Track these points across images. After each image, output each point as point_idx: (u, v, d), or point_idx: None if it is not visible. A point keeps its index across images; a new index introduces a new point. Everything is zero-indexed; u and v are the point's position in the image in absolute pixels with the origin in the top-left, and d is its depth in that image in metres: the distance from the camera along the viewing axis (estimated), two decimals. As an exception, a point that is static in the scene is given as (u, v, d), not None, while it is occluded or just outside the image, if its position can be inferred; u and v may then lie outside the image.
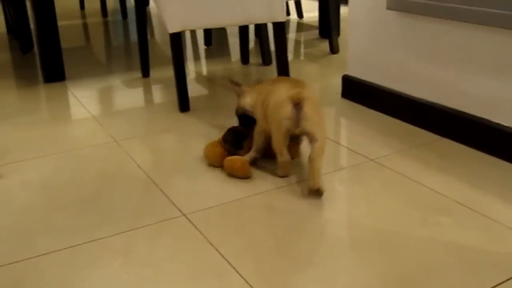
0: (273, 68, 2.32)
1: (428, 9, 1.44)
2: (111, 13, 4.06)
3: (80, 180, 1.32)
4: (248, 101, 1.39)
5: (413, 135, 1.54)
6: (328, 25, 2.52)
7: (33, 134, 1.63)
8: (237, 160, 1.31)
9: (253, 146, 1.35)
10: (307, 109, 1.19)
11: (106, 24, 3.64)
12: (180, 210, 1.16)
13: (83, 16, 3.98)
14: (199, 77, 2.25)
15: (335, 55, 2.51)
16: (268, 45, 2.35)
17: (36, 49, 2.77)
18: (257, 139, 1.34)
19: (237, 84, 1.44)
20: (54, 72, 2.18)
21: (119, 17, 3.87)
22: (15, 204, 1.21)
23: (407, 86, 1.62)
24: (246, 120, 1.40)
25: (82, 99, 1.95)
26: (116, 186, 1.28)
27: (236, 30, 3.32)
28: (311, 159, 1.20)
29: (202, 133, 1.60)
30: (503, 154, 1.35)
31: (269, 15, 1.78)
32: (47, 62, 2.15)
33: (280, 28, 1.82)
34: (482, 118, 1.40)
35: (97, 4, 4.45)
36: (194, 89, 2.04)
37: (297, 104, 1.18)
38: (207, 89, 2.07)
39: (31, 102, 1.95)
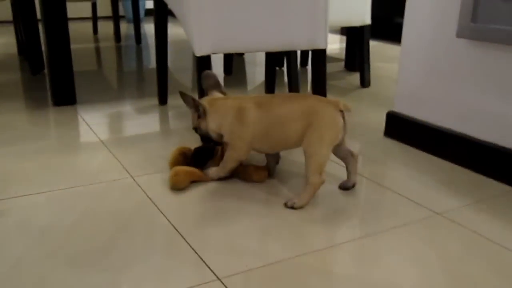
0: (301, 100, 2.08)
1: (513, 38, 1.20)
2: (124, 38, 3.85)
3: (90, 225, 1.06)
4: (210, 125, 1.22)
5: (480, 185, 1.28)
6: (361, 58, 2.29)
7: (38, 164, 1.37)
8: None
9: (226, 170, 1.24)
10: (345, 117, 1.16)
11: (119, 49, 3.43)
12: (213, 272, 0.90)
13: (96, 40, 3.77)
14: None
15: (366, 88, 2.27)
16: (297, 75, 2.11)
17: (46, 70, 2.55)
18: (233, 165, 1.23)
19: (193, 100, 1.21)
20: (65, 95, 1.93)
21: (133, 42, 3.66)
22: (9, 254, 0.94)
23: (472, 127, 1.37)
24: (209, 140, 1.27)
25: (94, 126, 1.70)
26: (134, 236, 1.02)
27: (254, 58, 3.12)
28: (355, 158, 1.23)
29: (231, 171, 1.34)
30: None
31: (311, 41, 1.54)
32: (57, 84, 1.91)
33: (321, 56, 1.59)
34: None
35: (110, 29, 4.26)
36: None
37: (342, 113, 1.15)
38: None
39: (39, 127, 1.69)
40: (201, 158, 1.31)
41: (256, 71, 2.70)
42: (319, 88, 1.61)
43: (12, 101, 2.01)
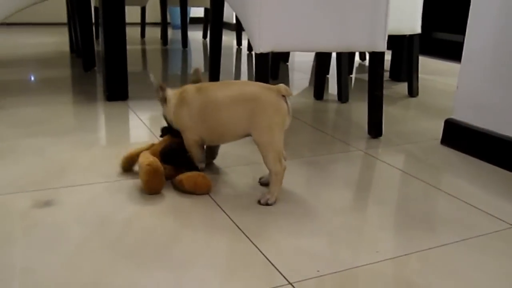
0: (350, 106, 1.97)
1: None
2: (169, 42, 3.81)
3: (149, 218, 0.96)
4: (167, 110, 1.15)
5: (554, 198, 1.15)
6: (409, 67, 2.16)
7: (95, 154, 1.29)
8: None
9: (195, 159, 1.14)
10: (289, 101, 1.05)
11: (166, 51, 3.37)
12: (284, 277, 0.79)
13: (143, 43, 3.73)
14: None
15: (414, 98, 2.14)
16: (347, 80, 2.00)
17: (101, 67, 2.51)
18: (196, 150, 1.13)
19: (161, 87, 1.14)
20: (118, 91, 1.87)
21: (178, 46, 3.61)
22: (68, 242, 0.86)
23: (542, 138, 1.24)
24: (170, 131, 1.18)
25: (146, 120, 1.62)
26: (195, 232, 0.92)
27: (295, 65, 3.02)
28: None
29: (293, 170, 1.24)
30: None
31: (370, 43, 1.43)
32: (112, 80, 1.85)
33: (379, 59, 1.47)
34: None
35: (155, 34, 4.23)
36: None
37: (285, 98, 1.04)
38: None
39: (94, 119, 1.62)
40: (171, 158, 1.13)
41: (300, 77, 2.60)
42: (375, 91, 1.50)
43: (67, 95, 1.96)
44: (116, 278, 0.76)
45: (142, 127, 1.55)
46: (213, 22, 1.80)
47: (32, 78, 2.25)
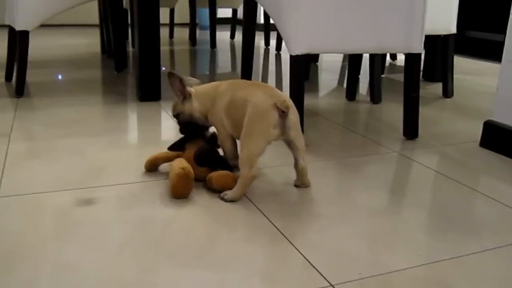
0: (383, 107, 1.95)
1: None
2: (198, 42, 3.84)
3: (187, 217, 0.98)
4: (196, 106, 1.16)
5: None
6: (444, 68, 2.13)
7: (132, 154, 1.31)
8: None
9: (227, 154, 1.15)
10: (293, 117, 1.05)
11: (194, 52, 3.41)
12: (325, 278, 0.79)
13: (172, 44, 3.78)
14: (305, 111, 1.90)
15: (449, 99, 2.11)
16: (380, 81, 1.98)
17: (132, 68, 2.56)
18: (229, 145, 1.15)
19: (180, 81, 1.16)
20: (151, 91, 1.90)
21: (206, 46, 3.65)
22: (112, 241, 0.88)
23: None
24: (190, 128, 1.19)
25: (179, 121, 1.64)
26: (235, 233, 0.93)
27: (326, 65, 3.02)
28: (300, 166, 1.12)
29: (328, 172, 1.24)
30: None
31: (406, 44, 1.41)
32: (145, 81, 1.88)
33: (416, 60, 1.45)
34: None
35: (182, 34, 4.28)
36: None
37: (283, 112, 1.02)
38: (317, 123, 1.71)
39: (126, 120, 1.65)
40: (206, 159, 1.14)
41: (328, 78, 2.59)
42: (411, 92, 1.48)
43: (100, 95, 2.00)
44: (158, 277, 0.78)
45: (175, 127, 1.57)
46: (246, 24, 1.82)
47: (60, 77, 2.31)
